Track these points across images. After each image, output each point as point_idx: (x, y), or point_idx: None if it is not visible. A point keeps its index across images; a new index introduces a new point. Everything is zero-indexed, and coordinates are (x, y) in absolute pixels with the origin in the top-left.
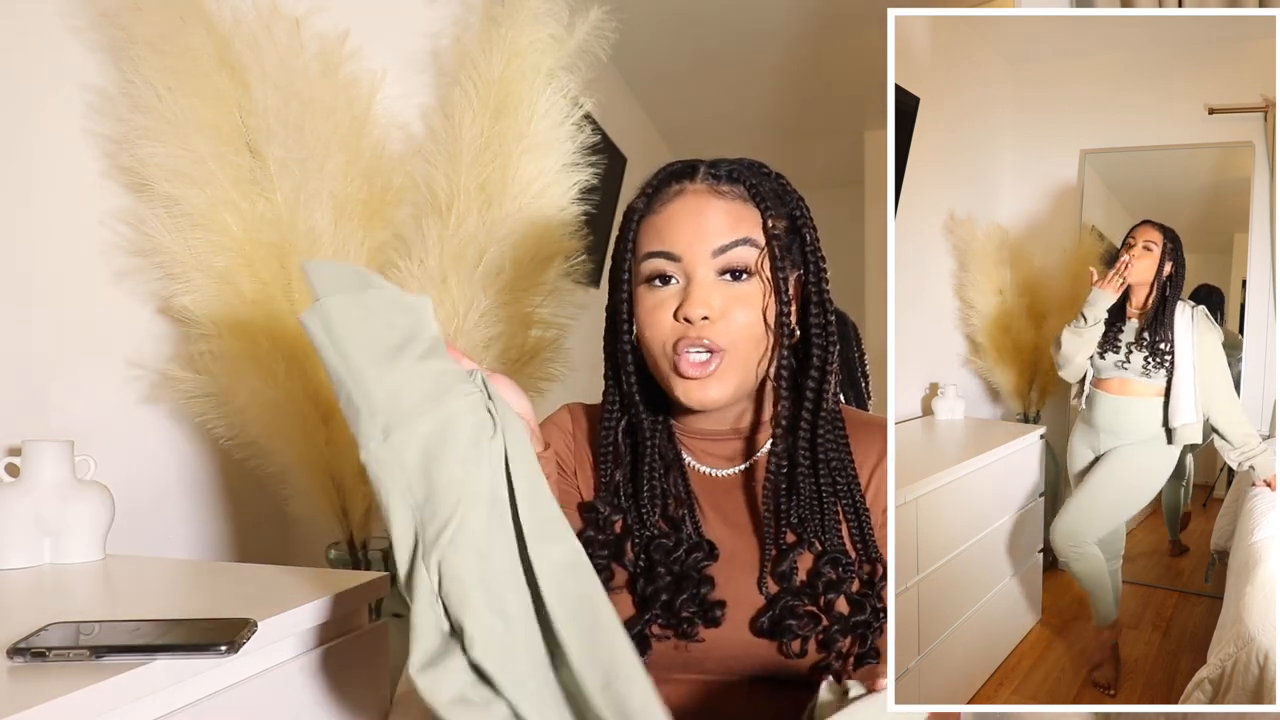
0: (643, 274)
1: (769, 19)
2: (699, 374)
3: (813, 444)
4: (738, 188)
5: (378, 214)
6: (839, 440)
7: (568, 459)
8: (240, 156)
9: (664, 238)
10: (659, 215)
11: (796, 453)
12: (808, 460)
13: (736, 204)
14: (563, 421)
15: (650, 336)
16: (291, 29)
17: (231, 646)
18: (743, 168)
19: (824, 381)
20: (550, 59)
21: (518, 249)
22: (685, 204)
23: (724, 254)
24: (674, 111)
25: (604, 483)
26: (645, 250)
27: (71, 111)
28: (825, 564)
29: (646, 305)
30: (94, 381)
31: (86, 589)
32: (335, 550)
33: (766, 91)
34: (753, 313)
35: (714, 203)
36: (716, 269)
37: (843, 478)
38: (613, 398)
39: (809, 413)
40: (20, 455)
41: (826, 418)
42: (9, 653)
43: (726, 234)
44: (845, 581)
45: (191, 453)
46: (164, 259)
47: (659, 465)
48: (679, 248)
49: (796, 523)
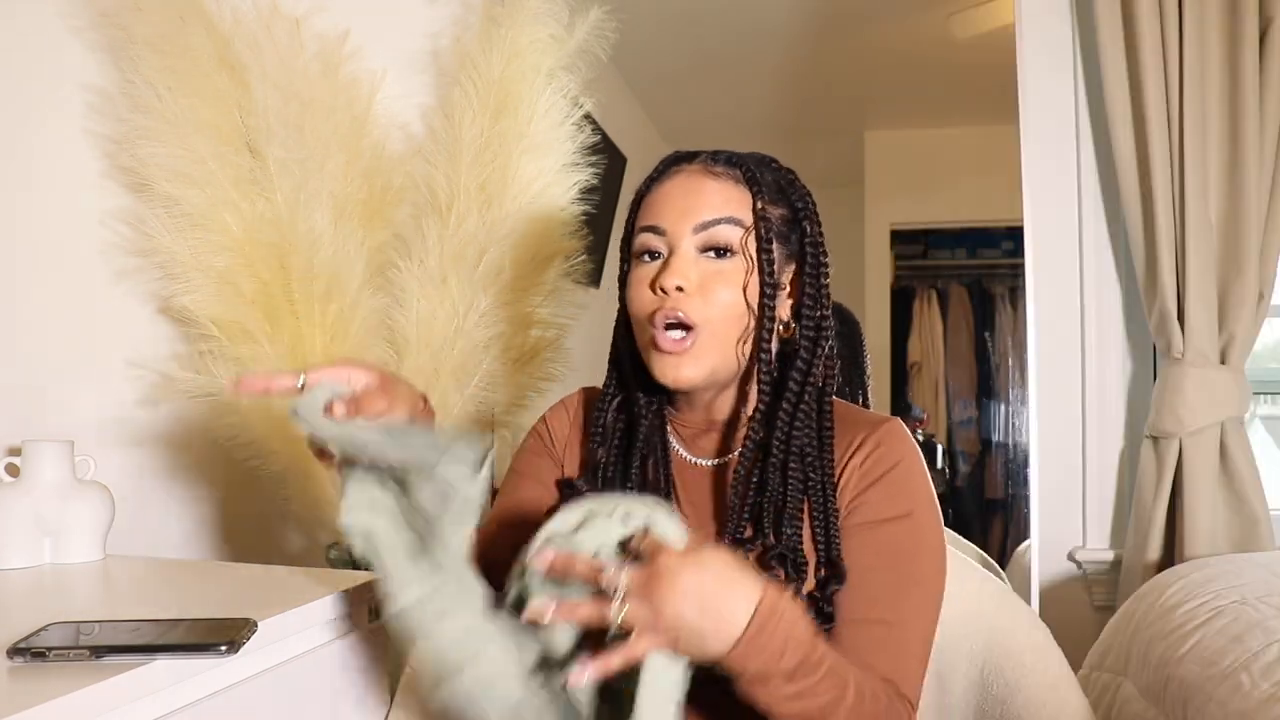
0: (635, 249)
1: (769, 19)
2: (675, 349)
3: (788, 438)
4: (734, 170)
5: (378, 214)
6: (823, 437)
7: (560, 438)
8: (240, 156)
9: (654, 212)
10: (654, 193)
11: (771, 444)
12: (780, 454)
13: (728, 184)
14: (571, 402)
15: (633, 309)
16: (291, 29)
17: (231, 646)
18: (746, 156)
19: (809, 374)
20: (550, 59)
21: (518, 249)
22: (678, 182)
23: (706, 230)
24: (674, 111)
25: (586, 461)
26: (638, 226)
27: (71, 111)
28: (772, 558)
29: (633, 279)
30: (94, 381)
31: (86, 589)
32: (335, 550)
33: (766, 91)
34: (733, 290)
35: (705, 182)
36: (699, 244)
37: (816, 474)
38: (611, 376)
39: (789, 404)
40: (20, 455)
41: (807, 412)
42: (9, 653)
43: (711, 211)
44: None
45: (191, 453)
46: (164, 259)
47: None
48: (665, 221)
49: (759, 517)
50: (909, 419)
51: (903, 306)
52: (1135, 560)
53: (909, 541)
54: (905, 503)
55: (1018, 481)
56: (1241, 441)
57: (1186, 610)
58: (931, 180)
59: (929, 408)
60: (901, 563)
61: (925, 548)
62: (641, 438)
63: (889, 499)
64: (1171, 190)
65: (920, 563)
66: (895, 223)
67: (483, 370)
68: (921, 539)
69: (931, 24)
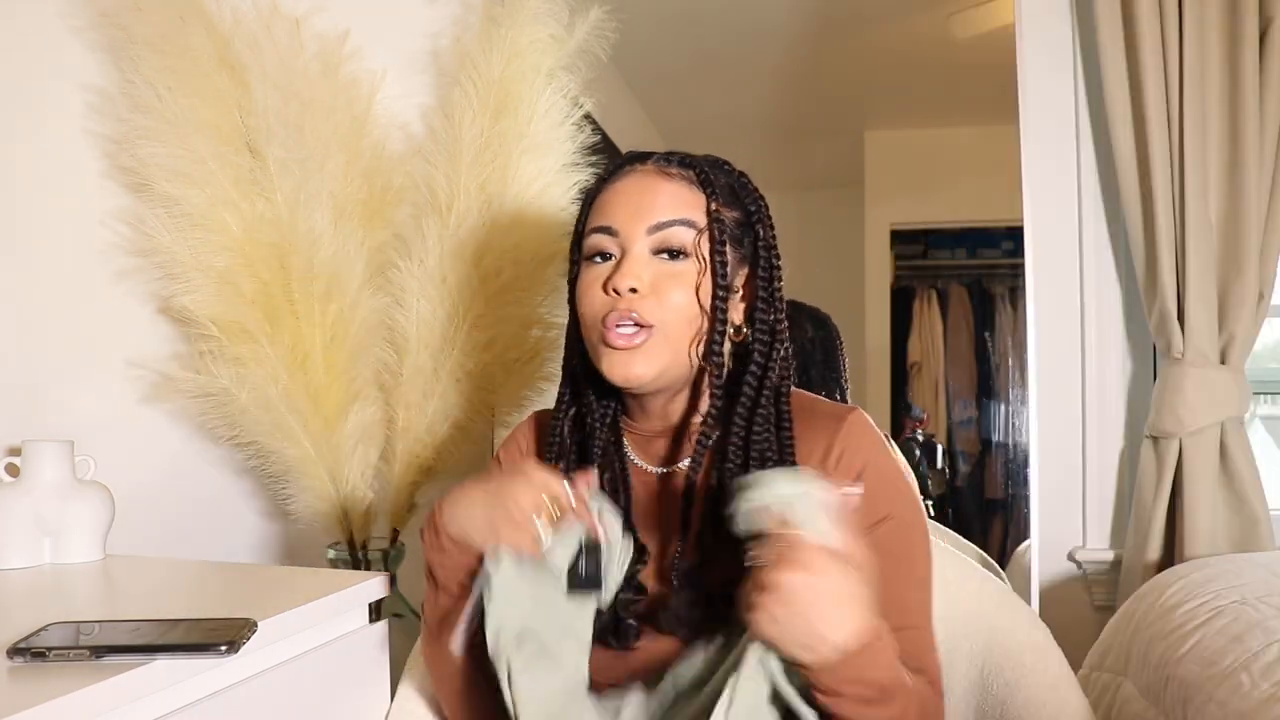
0: (586, 250)
1: (769, 19)
2: (625, 345)
3: (746, 442)
4: (687, 172)
5: (378, 214)
6: (782, 440)
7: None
8: (240, 156)
9: (605, 212)
10: (605, 193)
11: (727, 448)
12: (739, 458)
13: (681, 186)
14: (522, 429)
15: (584, 311)
16: (291, 29)
17: (231, 646)
18: (699, 158)
19: (764, 378)
20: (550, 59)
21: (518, 249)
22: (630, 182)
23: (659, 231)
24: (674, 111)
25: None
26: (589, 226)
27: (71, 111)
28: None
29: (584, 281)
30: (94, 381)
31: (86, 589)
32: (335, 550)
33: (766, 91)
34: (686, 292)
35: (659, 183)
36: (652, 246)
37: None
38: (565, 385)
39: (744, 408)
40: (20, 455)
41: (765, 415)
42: (9, 653)
43: (665, 212)
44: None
45: (191, 453)
46: (164, 259)
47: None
48: (617, 222)
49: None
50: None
51: (903, 306)
52: (1135, 560)
53: (898, 543)
54: (883, 505)
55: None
56: (1241, 441)
57: (1186, 610)
58: (931, 180)
59: (929, 408)
60: (897, 566)
61: (913, 543)
62: (598, 447)
63: (866, 506)
64: (1171, 190)
65: (914, 561)
66: (895, 223)
67: (483, 370)
68: (908, 536)
69: (931, 24)
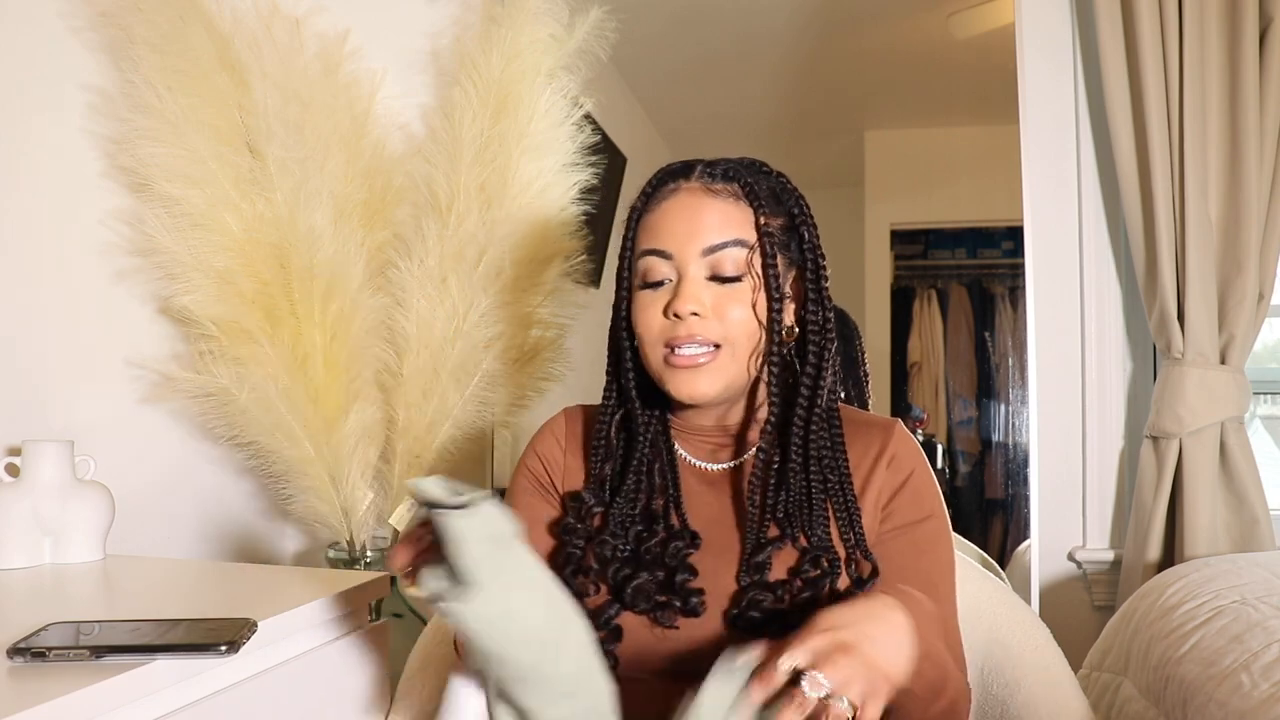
0: (639, 272)
1: (769, 19)
2: (689, 364)
3: (805, 441)
4: (732, 186)
5: (378, 214)
6: (834, 439)
7: (556, 466)
8: (240, 156)
9: (657, 235)
10: (653, 214)
11: (789, 448)
12: (799, 457)
13: (729, 202)
14: (557, 427)
15: (643, 334)
16: (291, 29)
17: (231, 646)
18: (740, 166)
19: (820, 378)
20: (550, 59)
21: (518, 249)
22: (678, 202)
23: (714, 254)
24: (674, 111)
25: (593, 475)
26: (641, 248)
27: (71, 111)
28: (808, 561)
29: (641, 304)
30: (94, 381)
31: (86, 589)
32: (335, 550)
33: (766, 92)
34: (744, 308)
35: (707, 201)
36: (707, 268)
37: (834, 475)
38: (610, 392)
39: (803, 409)
40: (20, 455)
41: (821, 415)
42: (9, 653)
43: (717, 234)
44: (828, 578)
45: (191, 453)
46: (164, 259)
47: (649, 457)
48: (671, 245)
49: (782, 518)
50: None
51: (903, 306)
52: (1135, 560)
53: (935, 540)
54: (927, 505)
55: (1018, 481)
56: (1241, 441)
57: (1186, 610)
58: (931, 180)
59: (929, 408)
60: (933, 559)
61: (945, 540)
62: (647, 447)
63: (914, 504)
64: (1171, 190)
65: (944, 554)
66: (895, 223)
67: (483, 370)
68: (942, 534)
69: (931, 24)
